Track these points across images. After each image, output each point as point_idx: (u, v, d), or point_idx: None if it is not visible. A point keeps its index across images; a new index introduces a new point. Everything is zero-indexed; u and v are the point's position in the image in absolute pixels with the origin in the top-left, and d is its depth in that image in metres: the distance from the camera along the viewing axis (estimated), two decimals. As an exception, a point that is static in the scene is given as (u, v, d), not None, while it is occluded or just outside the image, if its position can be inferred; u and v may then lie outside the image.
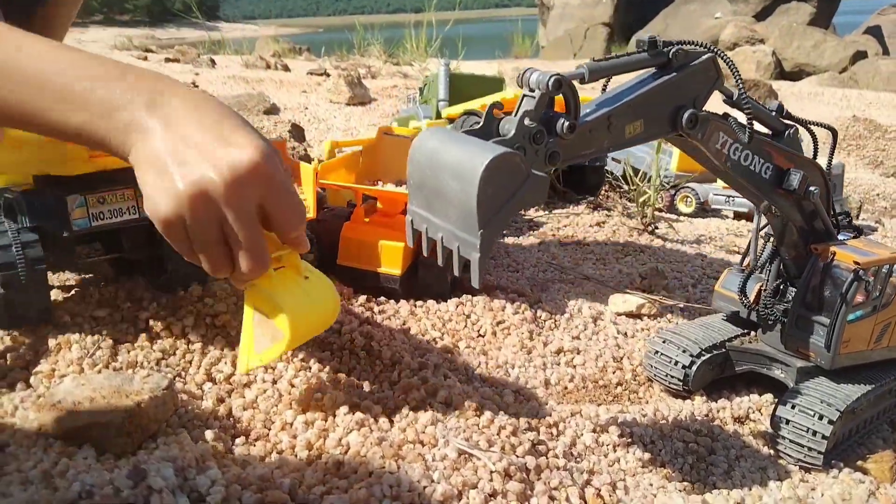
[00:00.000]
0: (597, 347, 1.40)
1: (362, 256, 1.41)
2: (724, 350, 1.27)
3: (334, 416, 0.98)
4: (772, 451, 1.13)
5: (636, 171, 2.84)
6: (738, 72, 0.99)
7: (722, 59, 0.95)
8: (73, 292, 1.17)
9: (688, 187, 2.86)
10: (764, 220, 1.21)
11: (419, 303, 1.45)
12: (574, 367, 1.32)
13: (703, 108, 0.95)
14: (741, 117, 1.02)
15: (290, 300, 0.83)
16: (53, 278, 1.23)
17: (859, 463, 1.11)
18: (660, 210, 2.98)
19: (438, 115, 2.74)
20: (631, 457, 1.03)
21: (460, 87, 2.76)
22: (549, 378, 1.26)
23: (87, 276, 1.26)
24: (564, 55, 19.25)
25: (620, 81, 0.94)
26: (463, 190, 0.72)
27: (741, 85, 0.99)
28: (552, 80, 0.77)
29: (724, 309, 1.31)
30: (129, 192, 1.07)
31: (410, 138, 1.74)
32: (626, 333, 1.51)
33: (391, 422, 1.00)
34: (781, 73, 13.38)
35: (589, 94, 1.17)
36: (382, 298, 1.43)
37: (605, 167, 2.57)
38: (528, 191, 0.74)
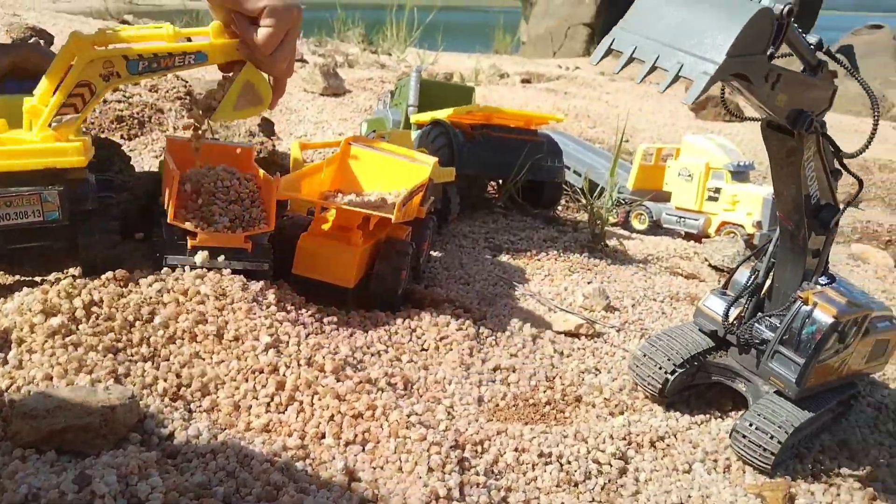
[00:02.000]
0: (532, 366, 1.49)
1: (317, 267, 1.48)
2: (697, 362, 1.42)
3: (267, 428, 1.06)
4: (678, 476, 1.23)
5: (595, 185, 2.94)
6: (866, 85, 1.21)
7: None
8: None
9: (643, 205, 2.97)
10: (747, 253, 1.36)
11: (369, 314, 1.52)
12: (508, 384, 1.41)
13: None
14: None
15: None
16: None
17: (755, 488, 1.22)
18: (615, 224, 3.09)
19: (408, 120, 2.81)
20: (547, 476, 1.12)
21: (430, 94, 2.83)
22: (482, 395, 1.35)
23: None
24: (544, 53, 19.34)
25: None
26: (725, 18, 0.88)
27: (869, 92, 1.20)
28: (788, 8, 0.95)
29: (704, 326, 1.45)
30: (34, 198, 1.20)
31: (372, 150, 1.81)
32: (562, 353, 1.60)
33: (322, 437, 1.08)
34: (754, 87, 13.65)
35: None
36: (333, 308, 1.50)
37: (563, 183, 2.66)
38: (756, 56, 0.93)
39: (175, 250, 1.35)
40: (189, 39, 1.30)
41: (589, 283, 2.05)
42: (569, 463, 1.17)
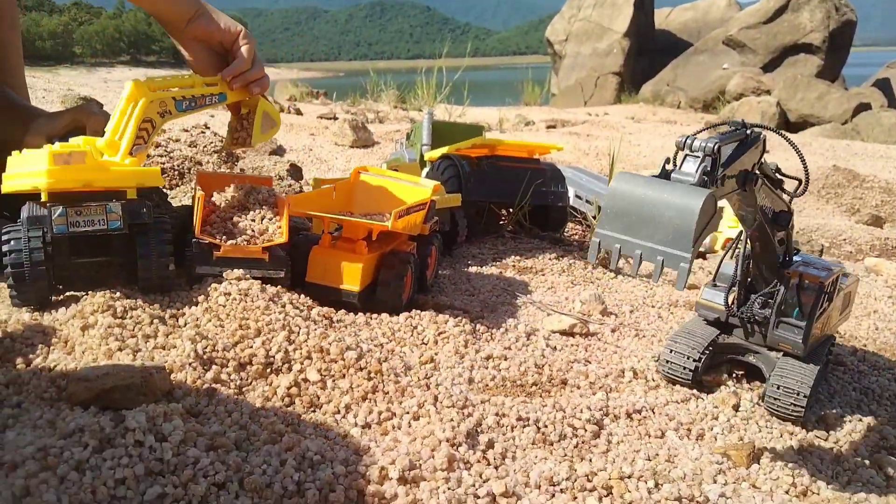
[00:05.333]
0: (523, 356, 1.63)
1: (327, 274, 1.67)
2: (712, 347, 1.65)
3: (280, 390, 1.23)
4: (650, 440, 1.36)
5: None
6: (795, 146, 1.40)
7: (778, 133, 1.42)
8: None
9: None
10: (738, 250, 1.59)
11: (374, 315, 1.70)
12: (499, 370, 1.56)
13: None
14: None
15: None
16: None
17: (721, 449, 1.33)
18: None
19: (422, 158, 3.02)
20: (524, 436, 1.27)
21: (442, 133, 3.05)
22: (473, 377, 1.50)
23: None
24: (575, 103, 19.71)
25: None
26: (681, 217, 1.00)
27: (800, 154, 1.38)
28: (716, 146, 1.10)
29: (708, 316, 1.70)
30: (100, 208, 1.41)
31: (380, 177, 2.01)
32: (554, 347, 1.74)
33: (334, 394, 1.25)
34: (786, 124, 13.67)
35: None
36: (343, 311, 1.68)
37: (567, 207, 2.83)
38: (714, 222, 1.05)
39: (203, 262, 1.55)
40: (209, 86, 1.61)
41: (591, 293, 2.19)
42: (545, 426, 1.30)
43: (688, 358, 1.60)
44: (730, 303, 1.63)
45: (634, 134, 7.12)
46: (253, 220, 1.63)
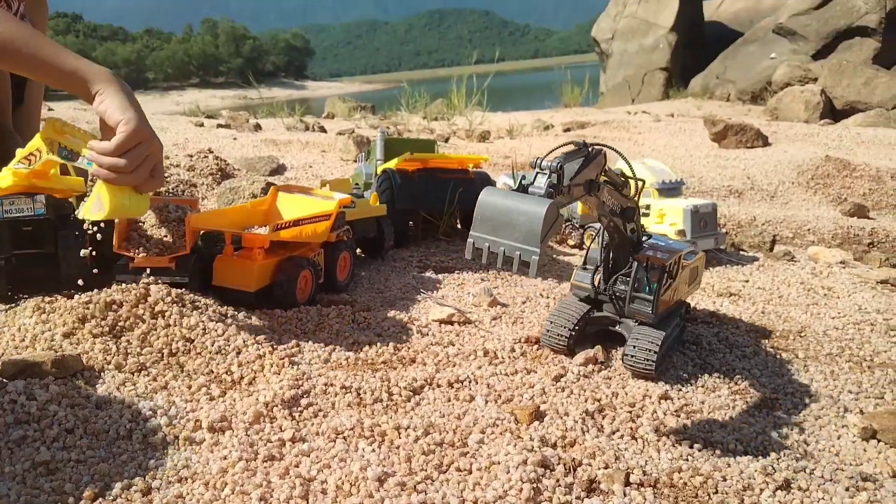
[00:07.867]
0: (387, 340, 1.95)
1: (227, 278, 2.03)
2: (584, 321, 2.01)
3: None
4: (456, 402, 1.65)
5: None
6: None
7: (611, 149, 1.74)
8: (24, 300, 1.85)
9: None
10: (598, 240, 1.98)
11: (268, 311, 2.05)
12: (358, 351, 1.88)
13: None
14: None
15: (117, 198, 1.56)
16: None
17: (509, 409, 1.62)
18: (574, 246, 3.48)
19: (376, 172, 3.38)
20: (343, 400, 1.59)
21: (395, 149, 3.39)
22: (330, 357, 1.83)
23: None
24: (622, 101, 19.71)
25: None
26: (530, 221, 1.32)
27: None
28: (559, 165, 1.41)
29: (580, 294, 2.06)
30: (28, 200, 1.84)
31: (297, 193, 2.37)
32: (425, 334, 2.05)
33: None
34: (832, 111, 13.38)
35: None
36: (242, 309, 2.04)
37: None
38: (557, 225, 1.39)
39: (121, 271, 1.95)
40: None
41: (496, 287, 2.48)
42: (364, 393, 1.62)
43: (562, 329, 1.96)
44: (596, 283, 2.00)
45: (643, 133, 7.27)
46: (165, 236, 2.01)
